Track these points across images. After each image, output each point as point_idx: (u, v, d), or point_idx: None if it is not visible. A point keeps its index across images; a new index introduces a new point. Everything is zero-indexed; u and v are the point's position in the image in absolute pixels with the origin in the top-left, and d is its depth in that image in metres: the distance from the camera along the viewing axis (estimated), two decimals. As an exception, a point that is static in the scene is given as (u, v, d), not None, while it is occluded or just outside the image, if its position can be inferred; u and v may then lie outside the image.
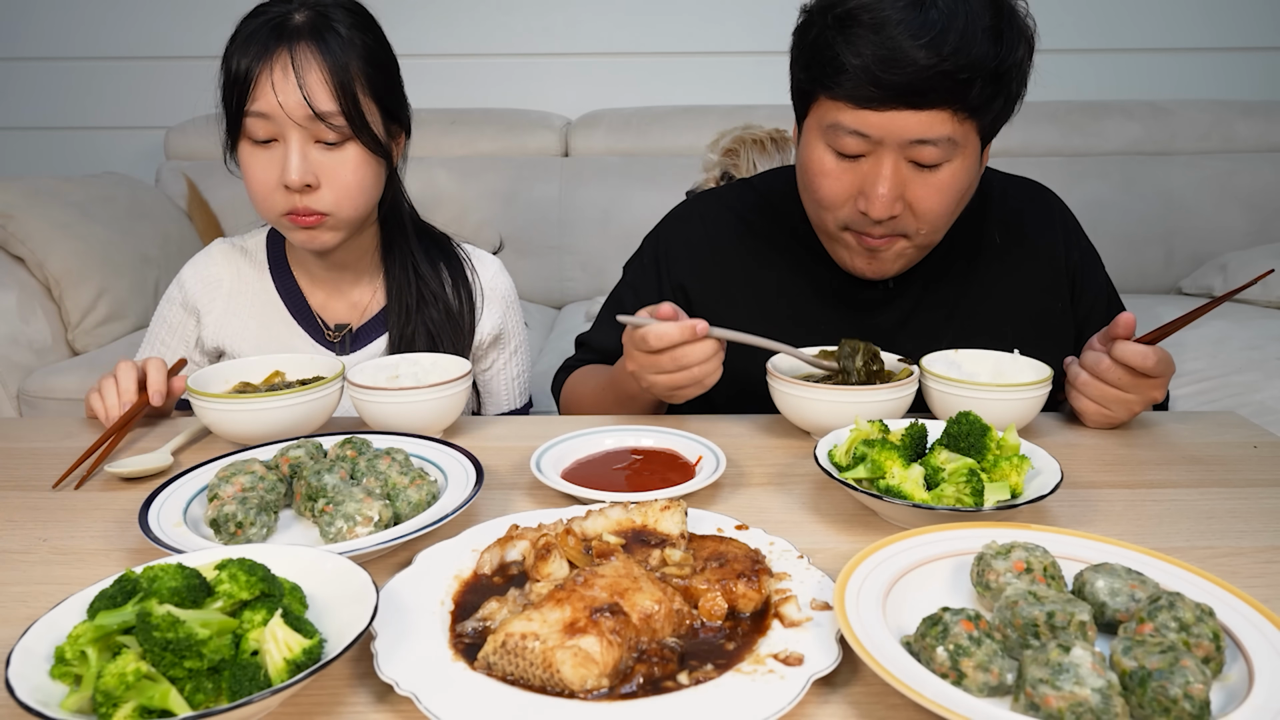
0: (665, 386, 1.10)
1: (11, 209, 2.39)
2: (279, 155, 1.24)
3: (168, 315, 1.42)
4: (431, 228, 1.47)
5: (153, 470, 1.04)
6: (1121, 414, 1.13)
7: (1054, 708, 0.56)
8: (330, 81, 1.21)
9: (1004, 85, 1.09)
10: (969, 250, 1.31)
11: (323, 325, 1.40)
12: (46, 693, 0.59)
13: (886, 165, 1.11)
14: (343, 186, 1.26)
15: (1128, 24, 3.15)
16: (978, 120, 1.10)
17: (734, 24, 3.14)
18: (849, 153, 1.13)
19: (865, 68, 1.05)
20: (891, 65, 1.04)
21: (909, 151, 1.10)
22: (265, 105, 1.21)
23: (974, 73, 1.05)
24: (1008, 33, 1.07)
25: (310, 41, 1.22)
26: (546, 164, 3.03)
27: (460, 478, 0.94)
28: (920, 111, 1.07)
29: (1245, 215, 2.86)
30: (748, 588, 0.70)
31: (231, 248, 1.44)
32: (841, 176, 1.15)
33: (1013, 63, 1.08)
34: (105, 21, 3.22)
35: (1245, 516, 0.92)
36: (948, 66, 1.03)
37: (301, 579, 0.70)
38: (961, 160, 1.12)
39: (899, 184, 1.12)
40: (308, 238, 1.29)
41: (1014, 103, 1.13)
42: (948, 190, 1.13)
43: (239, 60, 1.22)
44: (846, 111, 1.10)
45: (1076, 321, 1.35)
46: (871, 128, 1.09)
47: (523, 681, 0.62)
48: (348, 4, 1.29)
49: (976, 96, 1.07)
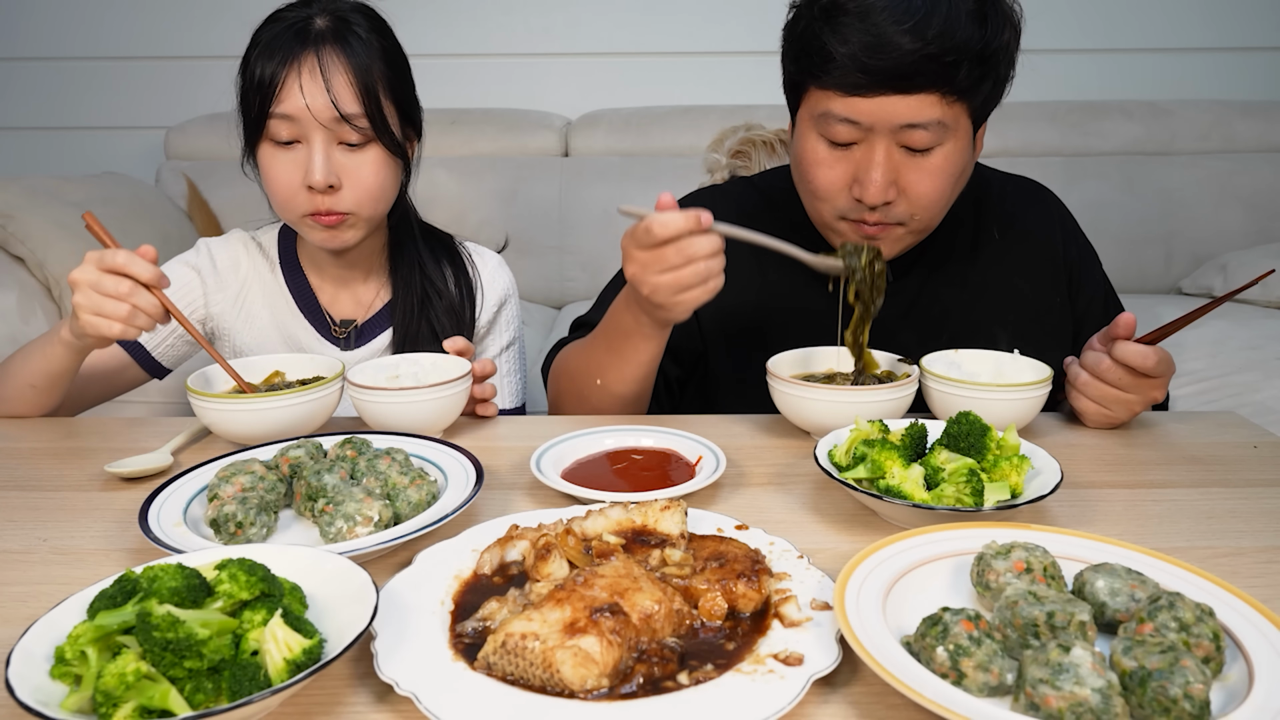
0: (670, 287, 1.03)
1: (11, 209, 2.39)
2: (301, 157, 1.25)
3: (177, 273, 1.41)
4: (435, 228, 1.50)
5: (153, 470, 1.04)
6: (1122, 414, 1.13)
7: (1054, 708, 0.56)
8: (355, 84, 1.24)
9: (991, 67, 1.10)
10: (969, 247, 1.32)
11: (330, 321, 1.42)
12: (46, 693, 0.59)
13: (879, 151, 1.12)
14: (364, 187, 1.28)
15: (1128, 24, 3.15)
16: (967, 103, 1.11)
17: (734, 24, 3.14)
18: (841, 140, 1.14)
19: (852, 55, 1.07)
20: (877, 51, 1.06)
21: (900, 136, 1.11)
22: (291, 108, 1.23)
23: (960, 55, 1.06)
24: (992, 15, 1.08)
25: (334, 45, 1.24)
26: (546, 164, 3.03)
27: (460, 478, 0.94)
28: (909, 96, 1.08)
29: (1245, 215, 2.86)
30: (748, 588, 0.70)
31: (250, 239, 1.46)
32: (835, 165, 1.16)
33: (999, 45, 1.09)
34: (105, 21, 3.22)
35: (1245, 516, 0.92)
36: (933, 50, 1.05)
37: (301, 579, 0.70)
38: (954, 143, 1.13)
39: (892, 169, 1.13)
40: (329, 237, 1.31)
41: (1003, 85, 1.14)
42: (941, 174, 1.14)
43: (263, 64, 1.23)
44: (836, 100, 1.11)
45: (1075, 319, 1.35)
46: (862, 114, 1.10)
47: (523, 681, 0.62)
48: (362, 8, 1.31)
49: (964, 79, 1.08)
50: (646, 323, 1.14)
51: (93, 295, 1.07)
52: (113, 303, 1.07)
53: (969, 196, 1.29)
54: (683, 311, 1.07)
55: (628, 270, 1.06)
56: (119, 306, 1.07)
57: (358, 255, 1.41)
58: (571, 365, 1.32)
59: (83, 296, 1.07)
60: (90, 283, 1.07)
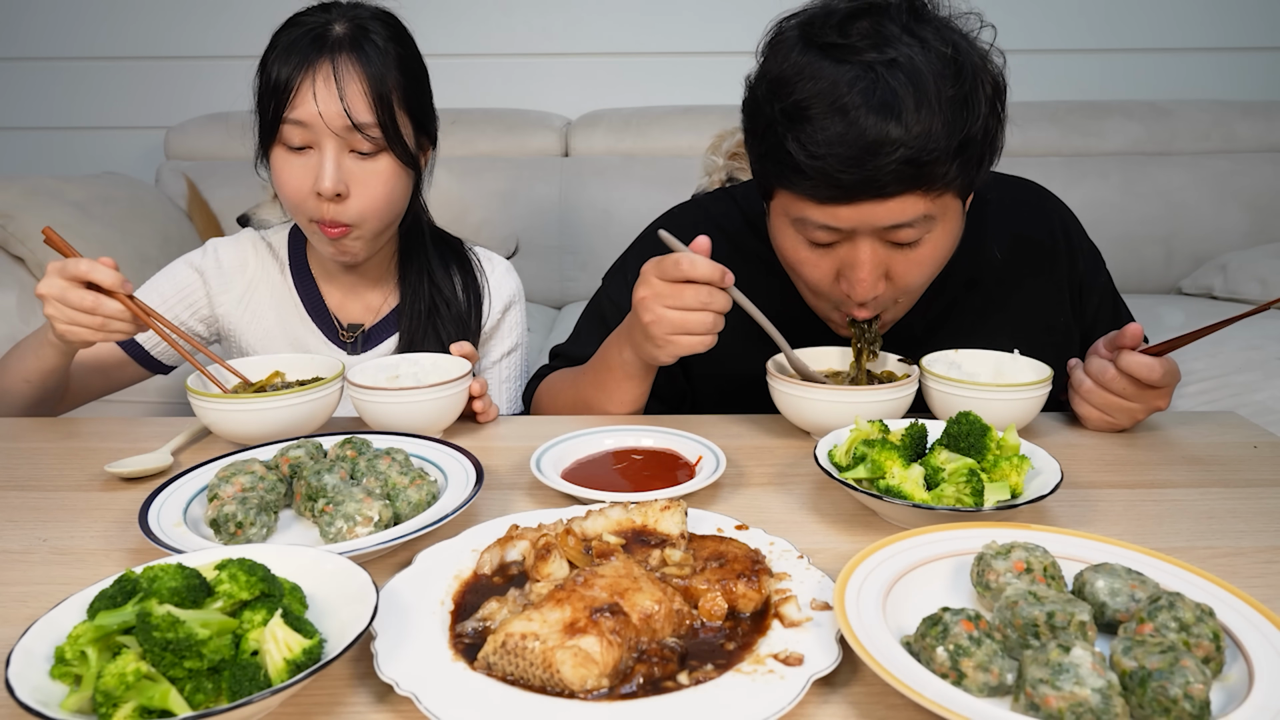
0: (672, 324, 1.03)
1: (11, 209, 2.39)
2: (313, 162, 1.25)
3: (179, 274, 1.41)
4: (445, 233, 1.50)
5: (153, 470, 1.04)
6: (1125, 421, 1.13)
7: (1054, 708, 0.56)
8: (369, 93, 1.23)
9: (973, 153, 1.02)
10: (968, 275, 1.26)
11: (338, 325, 1.42)
12: (46, 693, 0.59)
13: (864, 251, 1.05)
14: (371, 197, 1.27)
15: (1128, 24, 3.15)
16: (952, 190, 1.04)
17: (734, 24, 3.14)
18: (822, 242, 1.08)
19: (821, 169, 0.98)
20: (849, 162, 0.97)
21: (885, 234, 1.05)
22: (304, 114, 1.22)
23: (939, 154, 0.98)
24: (973, 96, 1.00)
25: (351, 53, 1.23)
26: (546, 164, 3.03)
27: (460, 478, 0.94)
28: (889, 200, 1.00)
29: (1245, 215, 2.86)
30: (748, 588, 0.70)
31: (259, 240, 1.46)
32: (820, 263, 1.10)
33: (980, 128, 1.01)
34: (105, 21, 3.22)
35: (1245, 516, 0.92)
36: (910, 153, 0.96)
37: (301, 579, 0.70)
38: (942, 228, 1.07)
39: (879, 265, 1.07)
40: (335, 249, 1.31)
41: (987, 162, 1.07)
42: (929, 262, 1.09)
43: (279, 68, 1.23)
44: (812, 207, 1.04)
45: (1084, 325, 1.32)
46: (841, 221, 1.03)
47: (523, 681, 0.62)
48: (383, 15, 1.30)
49: (944, 175, 1.00)
50: (632, 361, 1.14)
51: (62, 308, 1.09)
52: (83, 314, 1.09)
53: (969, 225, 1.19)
54: (670, 354, 1.08)
55: (640, 293, 1.06)
56: (89, 318, 1.09)
57: (368, 261, 1.40)
58: (558, 397, 1.32)
59: (52, 309, 1.09)
60: (56, 295, 1.08)
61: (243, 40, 3.18)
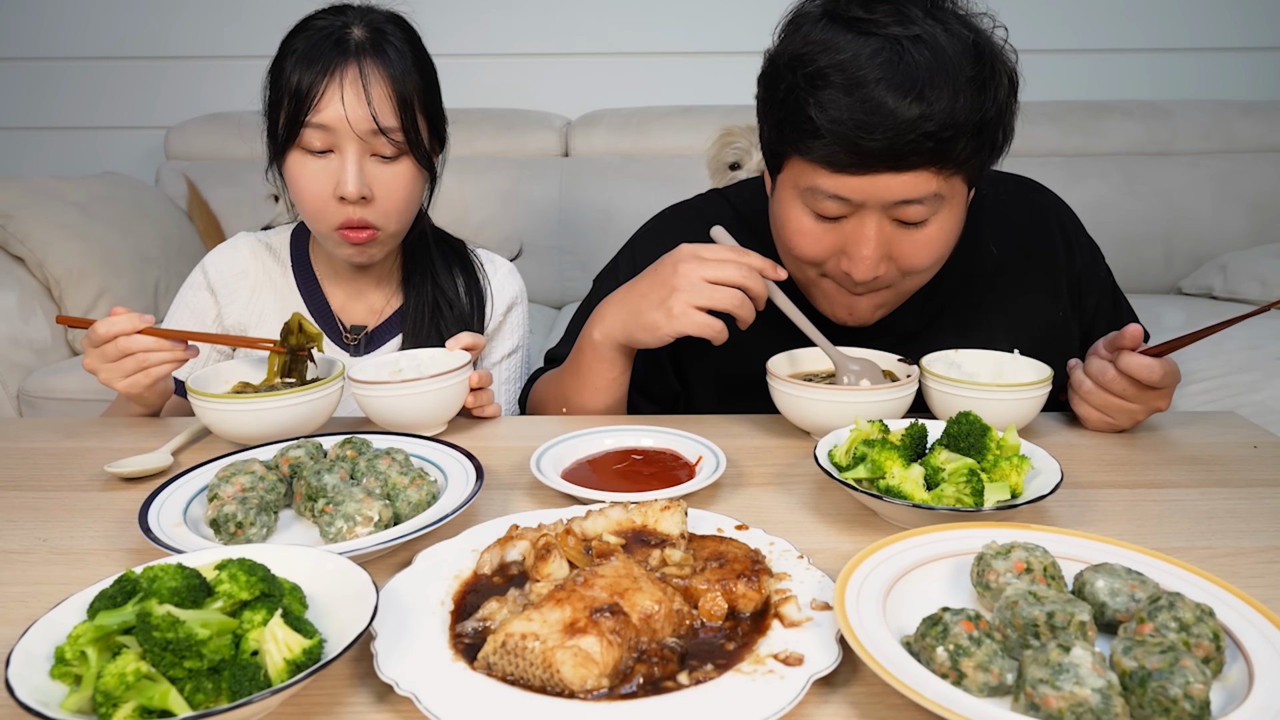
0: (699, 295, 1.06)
1: (11, 209, 2.39)
2: (333, 167, 1.25)
3: (191, 300, 1.42)
4: (448, 235, 1.50)
5: (152, 470, 1.04)
6: (1125, 422, 1.13)
7: (1054, 708, 0.56)
8: (393, 96, 1.24)
9: (989, 136, 1.03)
10: (966, 270, 1.26)
11: (341, 327, 1.42)
12: (46, 693, 0.59)
13: (870, 227, 1.05)
14: (394, 200, 1.28)
15: (1128, 24, 3.15)
16: (964, 173, 1.05)
17: (734, 24, 3.14)
18: (829, 215, 1.07)
19: (842, 133, 0.99)
20: (870, 129, 0.97)
21: (893, 211, 1.05)
22: (328, 118, 1.22)
23: (958, 130, 0.98)
24: (991, 81, 1.01)
25: (374, 56, 1.23)
26: (546, 164, 3.03)
27: (460, 478, 0.94)
28: (903, 173, 1.01)
29: (1245, 215, 2.87)
30: (748, 588, 0.70)
31: (257, 242, 1.46)
32: (822, 238, 1.10)
33: (996, 112, 1.02)
34: (105, 21, 3.22)
35: (1245, 516, 0.92)
36: (931, 126, 0.97)
37: (301, 579, 0.70)
38: (949, 211, 1.07)
39: (883, 244, 1.07)
40: (357, 252, 1.31)
41: (1001, 149, 1.07)
42: (935, 244, 1.09)
43: (301, 72, 1.22)
44: (824, 175, 1.03)
45: (1084, 321, 1.32)
46: (852, 191, 1.03)
47: (523, 681, 0.62)
48: (396, 18, 1.30)
49: (961, 152, 1.01)
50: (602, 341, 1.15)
51: (107, 369, 1.14)
52: (125, 363, 1.13)
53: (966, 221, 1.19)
54: (675, 329, 1.08)
55: (680, 255, 1.08)
56: (128, 362, 1.13)
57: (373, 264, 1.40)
58: (544, 395, 1.33)
59: (104, 375, 1.15)
60: (96, 363, 1.15)
61: (243, 40, 3.19)
